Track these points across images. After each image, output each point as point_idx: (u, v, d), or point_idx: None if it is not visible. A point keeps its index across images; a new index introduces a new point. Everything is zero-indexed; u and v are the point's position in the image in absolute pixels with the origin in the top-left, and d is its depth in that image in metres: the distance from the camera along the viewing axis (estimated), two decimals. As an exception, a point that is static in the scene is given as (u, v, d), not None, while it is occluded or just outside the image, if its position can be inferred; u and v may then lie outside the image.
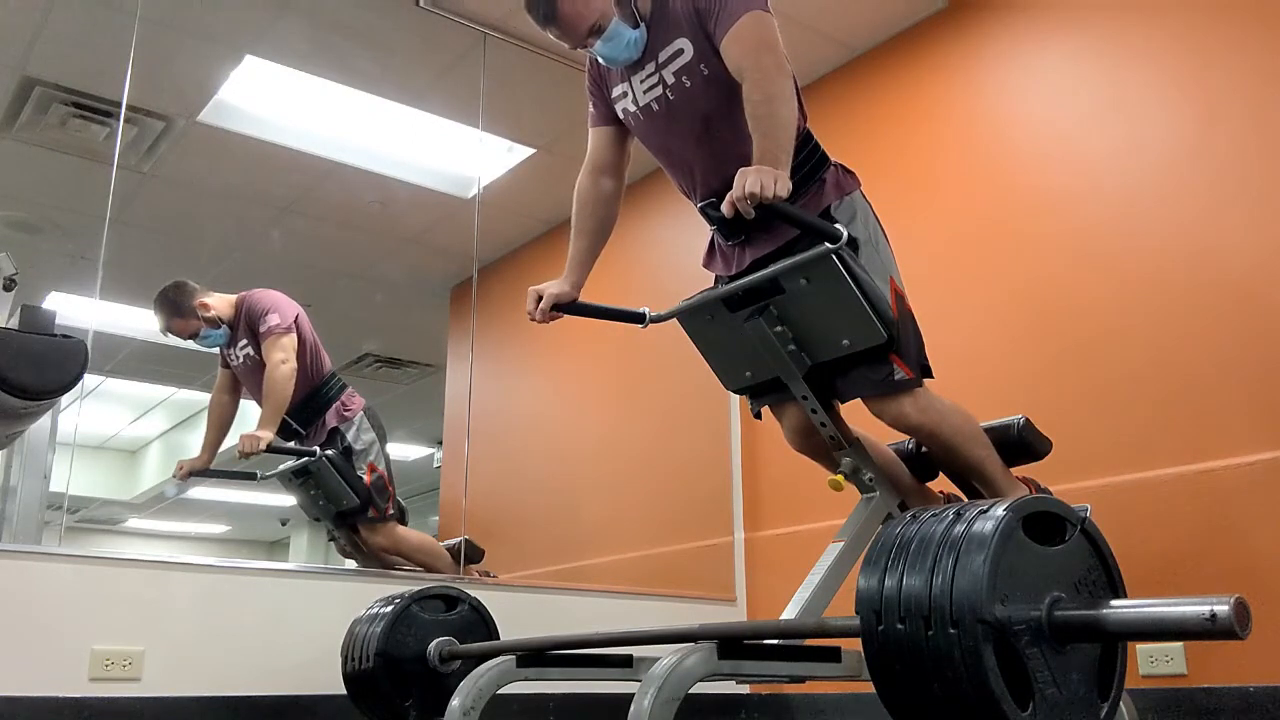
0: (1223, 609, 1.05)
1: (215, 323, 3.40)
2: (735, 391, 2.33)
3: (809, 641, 1.71)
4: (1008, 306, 3.03)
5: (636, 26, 2.09)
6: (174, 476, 3.48)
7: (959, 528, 1.18)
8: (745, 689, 3.33)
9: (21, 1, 3.17)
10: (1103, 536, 1.28)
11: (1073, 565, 1.23)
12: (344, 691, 2.57)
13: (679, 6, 2.07)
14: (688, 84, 2.08)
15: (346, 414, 3.42)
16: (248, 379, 3.48)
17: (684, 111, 2.11)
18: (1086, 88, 2.97)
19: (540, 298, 2.17)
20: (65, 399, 2.10)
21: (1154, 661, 2.46)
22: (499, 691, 1.96)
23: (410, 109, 3.86)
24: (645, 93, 2.14)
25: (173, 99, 3.62)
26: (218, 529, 5.76)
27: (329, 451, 3.32)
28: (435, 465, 4.57)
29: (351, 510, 3.32)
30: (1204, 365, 2.56)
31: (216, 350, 3.49)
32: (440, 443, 4.49)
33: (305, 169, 3.99)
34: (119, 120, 3.23)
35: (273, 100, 3.76)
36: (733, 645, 1.57)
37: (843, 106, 3.69)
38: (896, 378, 2.00)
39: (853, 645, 1.83)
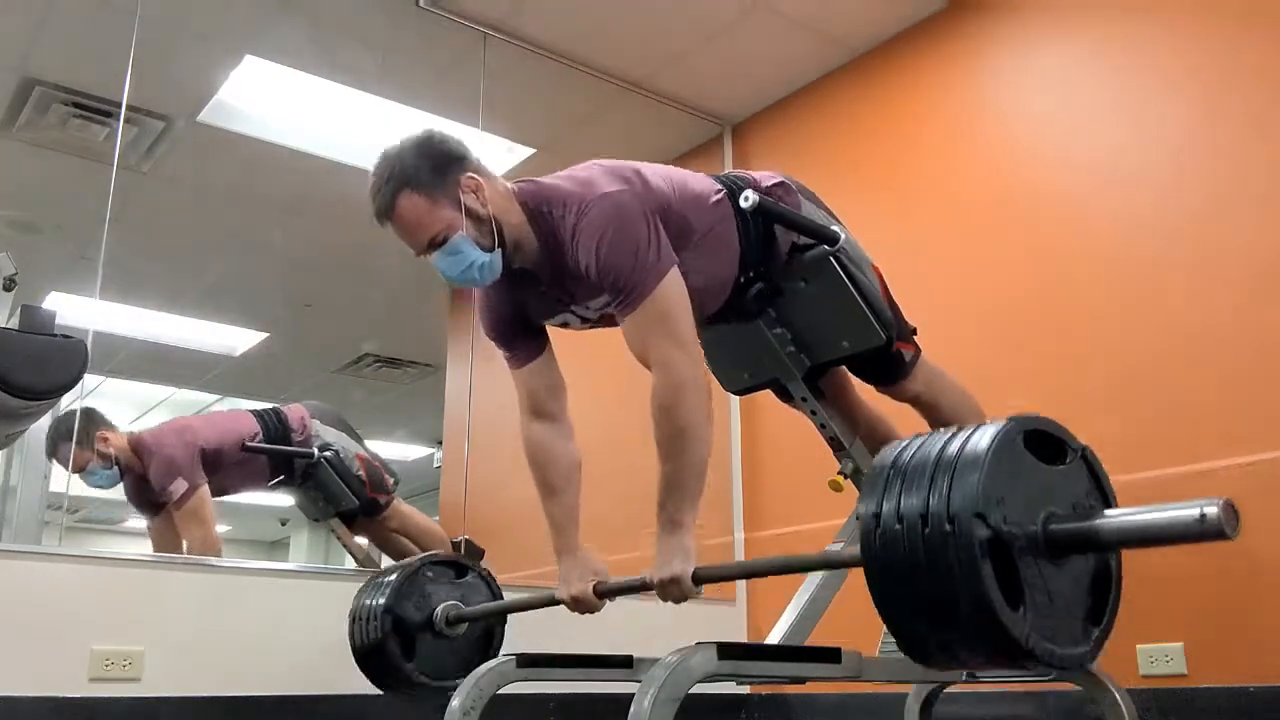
0: (1212, 510, 1.08)
1: (109, 461, 3.15)
2: (734, 393, 2.33)
3: (809, 642, 1.71)
4: (1007, 306, 3.03)
5: (491, 250, 1.85)
6: None
7: (960, 437, 1.21)
8: (745, 689, 3.33)
9: (21, 1, 3.17)
10: (1102, 466, 1.30)
11: (1071, 486, 1.25)
12: (344, 691, 2.57)
13: (572, 261, 1.84)
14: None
15: (300, 437, 3.38)
16: (167, 532, 3.25)
17: None
18: (1086, 87, 2.97)
19: (577, 600, 1.94)
20: (65, 399, 2.10)
21: (1154, 661, 2.46)
22: (499, 691, 1.96)
23: (410, 109, 3.86)
24: (598, 310, 1.96)
25: (173, 99, 3.62)
26: (218, 529, 5.76)
27: (327, 453, 3.33)
28: (435, 465, 4.57)
29: (353, 511, 3.33)
30: (1204, 365, 2.56)
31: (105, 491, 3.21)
32: (440, 443, 4.49)
33: (305, 169, 3.99)
34: (119, 120, 3.23)
35: (273, 100, 3.76)
36: (733, 645, 1.57)
37: (842, 106, 3.69)
38: (908, 359, 2.07)
39: (852, 645, 1.84)
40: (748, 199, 1.84)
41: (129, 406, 4.82)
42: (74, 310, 3.11)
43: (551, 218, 1.84)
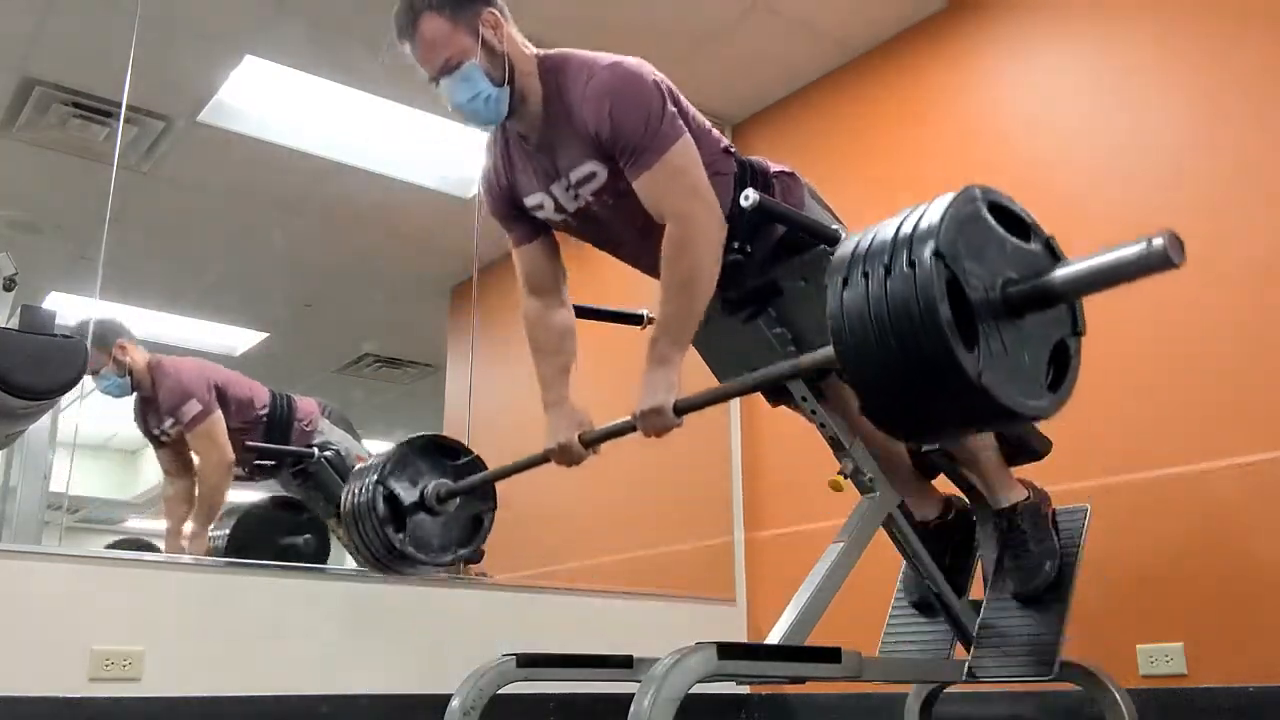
0: (1158, 240, 1.20)
1: (122, 370, 3.19)
2: (735, 392, 2.33)
3: (809, 642, 1.71)
4: (1008, 307, 3.03)
5: (500, 85, 1.90)
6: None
7: (931, 202, 1.28)
8: (745, 689, 3.33)
9: (21, 1, 3.17)
10: (1065, 254, 1.37)
11: (1031, 261, 1.32)
12: (344, 691, 2.57)
13: (579, 124, 1.88)
14: (610, 203, 1.95)
15: (308, 428, 3.38)
16: (173, 456, 3.34)
17: (615, 220, 1.99)
18: (1087, 87, 2.97)
19: (563, 449, 2.01)
20: (65, 399, 2.10)
21: (1154, 661, 2.46)
22: (499, 691, 1.96)
23: (410, 109, 3.86)
24: (573, 200, 1.99)
25: (173, 99, 3.62)
26: (217, 529, 5.76)
27: (327, 453, 3.33)
28: (435, 465, 4.57)
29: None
30: (1204, 365, 2.56)
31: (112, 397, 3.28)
32: (440, 443, 4.49)
33: (305, 169, 3.99)
34: (119, 120, 3.23)
35: (273, 100, 3.76)
36: (733, 645, 1.57)
37: (842, 106, 3.69)
38: None
39: (852, 645, 1.84)
40: (748, 197, 1.84)
41: (129, 406, 4.82)
42: (74, 310, 3.11)
43: (563, 78, 1.90)
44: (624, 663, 2.08)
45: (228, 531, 3.03)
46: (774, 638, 1.77)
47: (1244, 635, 2.35)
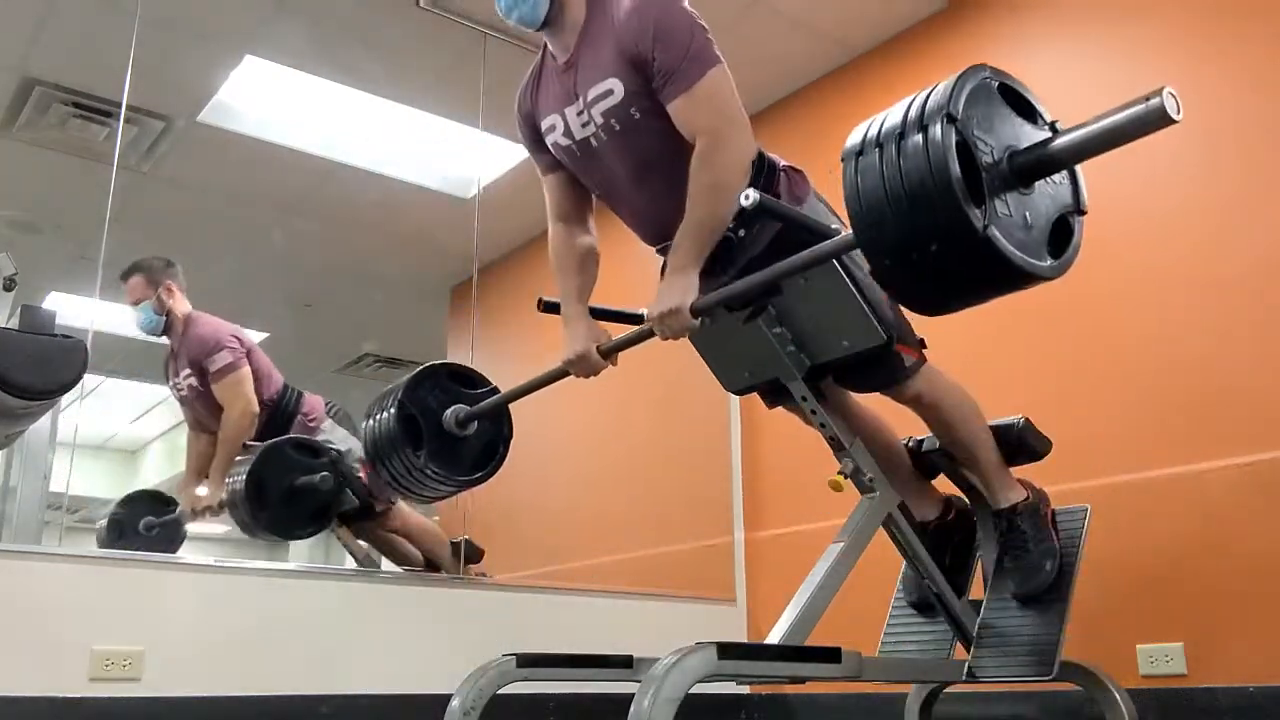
0: (1155, 98, 1.31)
1: (161, 308, 3.29)
2: (735, 392, 2.33)
3: (809, 642, 1.71)
4: (1007, 307, 3.02)
5: None
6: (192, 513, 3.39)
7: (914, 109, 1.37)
8: (745, 689, 3.33)
9: (21, 1, 3.17)
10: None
11: (1036, 140, 1.42)
12: (344, 691, 2.57)
13: (611, 42, 1.92)
14: (616, 128, 1.96)
15: (311, 423, 3.39)
16: (193, 407, 3.39)
17: (614, 155, 2.00)
18: (1087, 87, 2.97)
19: (581, 357, 2.04)
20: (65, 399, 2.10)
21: (1154, 661, 2.46)
22: (499, 691, 1.96)
23: (410, 109, 3.86)
24: (581, 127, 2.01)
25: (173, 99, 3.62)
26: (218, 529, 5.76)
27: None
28: (435, 465, 4.57)
29: (353, 511, 3.32)
30: (1204, 365, 2.56)
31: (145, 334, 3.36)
32: (440, 443, 4.48)
33: (305, 169, 3.99)
34: (119, 120, 3.23)
35: (273, 100, 3.77)
36: (733, 645, 1.57)
37: (842, 107, 3.69)
38: (909, 364, 2.06)
39: (852, 646, 1.84)
40: (748, 197, 1.83)
41: (129, 406, 4.83)
42: (74, 310, 3.11)
43: None
44: (624, 663, 2.08)
45: (246, 469, 3.09)
46: (774, 638, 1.77)
47: (1244, 635, 2.35)
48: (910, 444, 2.32)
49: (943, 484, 2.33)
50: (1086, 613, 2.21)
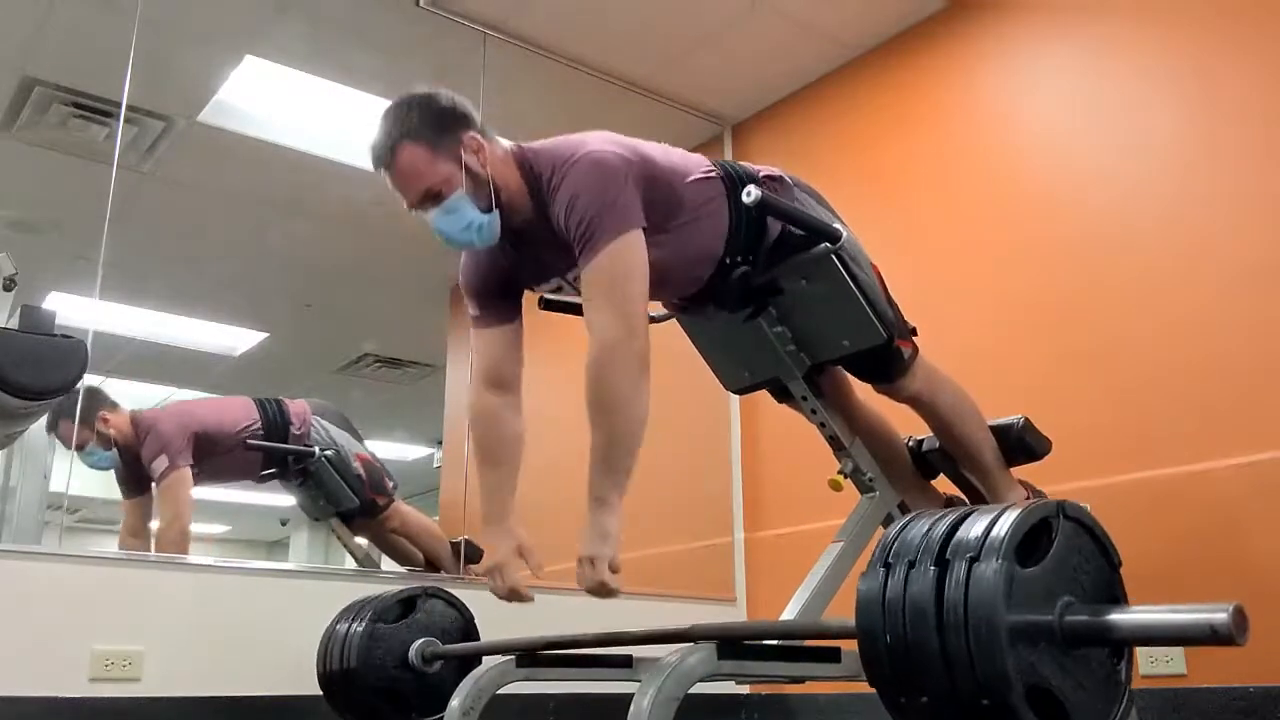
0: (1223, 620, 1.07)
1: (107, 443, 3.13)
2: (735, 391, 2.33)
3: (809, 642, 1.71)
4: (1007, 307, 3.03)
5: (489, 211, 1.84)
6: None
7: (965, 532, 1.12)
8: (745, 689, 3.33)
9: (21, 1, 3.17)
10: (1086, 515, 1.22)
11: (1069, 561, 1.17)
12: (344, 691, 2.56)
13: (559, 222, 1.79)
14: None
15: (299, 430, 3.37)
16: (137, 508, 3.25)
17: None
18: (1088, 88, 2.97)
19: (501, 569, 1.89)
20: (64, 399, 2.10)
21: (1154, 661, 2.46)
22: (499, 692, 1.96)
23: (410, 109, 3.84)
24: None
25: (173, 99, 3.61)
26: (218, 529, 5.76)
27: (328, 452, 3.32)
28: (435, 465, 4.57)
29: (352, 510, 3.33)
30: (1204, 365, 2.56)
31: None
32: (440, 443, 4.48)
33: (305, 169, 3.99)
34: (119, 120, 3.23)
35: (273, 100, 3.76)
36: (733, 645, 1.57)
37: (842, 107, 3.69)
38: (906, 357, 2.06)
39: (852, 646, 1.84)
40: (750, 194, 1.83)
41: (129, 406, 4.82)
42: (74, 310, 3.10)
43: (541, 179, 1.83)
44: (624, 663, 2.08)
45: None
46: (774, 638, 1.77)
47: (1244, 635, 2.35)
48: (911, 443, 2.32)
49: (943, 484, 2.33)
50: (1086, 613, 2.21)
